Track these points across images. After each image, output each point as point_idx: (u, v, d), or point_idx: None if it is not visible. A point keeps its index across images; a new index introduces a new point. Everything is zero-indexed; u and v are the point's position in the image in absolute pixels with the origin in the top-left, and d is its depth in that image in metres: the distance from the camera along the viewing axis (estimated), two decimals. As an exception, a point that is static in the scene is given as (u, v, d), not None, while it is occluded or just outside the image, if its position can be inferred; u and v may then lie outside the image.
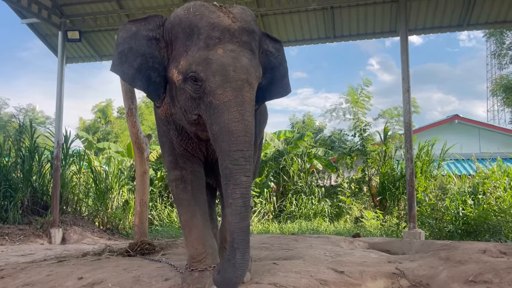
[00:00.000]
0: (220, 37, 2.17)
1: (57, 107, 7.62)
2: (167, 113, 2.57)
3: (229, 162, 2.06)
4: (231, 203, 2.04)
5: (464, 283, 2.74)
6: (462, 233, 6.64)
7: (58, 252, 5.25)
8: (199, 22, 2.21)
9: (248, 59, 2.20)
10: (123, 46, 2.42)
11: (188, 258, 2.56)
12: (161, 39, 2.39)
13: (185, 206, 2.62)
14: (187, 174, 2.65)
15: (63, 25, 7.79)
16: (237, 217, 2.03)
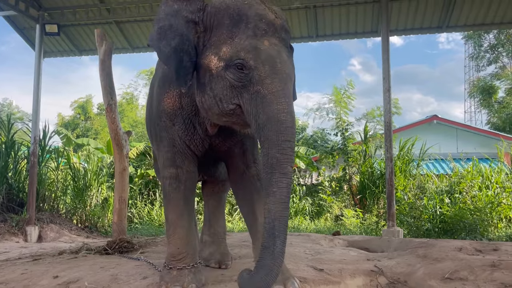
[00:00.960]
0: (266, 29, 2.16)
1: (34, 102, 7.44)
2: (175, 106, 2.50)
3: (276, 152, 2.02)
4: (275, 192, 1.99)
5: (441, 280, 2.79)
6: (439, 231, 6.77)
7: (33, 250, 5.13)
8: (248, 10, 2.18)
9: (287, 56, 2.21)
10: (164, 22, 2.33)
11: (168, 256, 2.54)
12: (200, 23, 2.30)
13: (174, 206, 2.58)
14: (182, 173, 2.59)
15: (41, 18, 7.61)
16: (281, 206, 1.99)
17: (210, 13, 2.28)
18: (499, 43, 25.76)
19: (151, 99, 2.81)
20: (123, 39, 8.54)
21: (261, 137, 2.10)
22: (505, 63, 26.45)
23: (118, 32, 8.39)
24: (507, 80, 24.55)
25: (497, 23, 7.52)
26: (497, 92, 25.38)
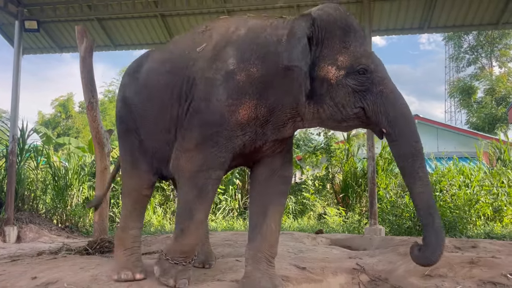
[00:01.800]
0: (363, 37, 2.48)
1: (12, 99, 7.27)
2: (251, 117, 2.45)
3: (413, 141, 2.32)
4: (421, 176, 2.27)
5: (421, 277, 2.83)
6: (419, 229, 6.86)
7: (12, 251, 5.03)
8: (353, 22, 2.41)
9: None
10: (304, 40, 2.31)
11: (176, 252, 2.53)
12: (313, 38, 2.35)
13: (207, 207, 2.60)
14: (221, 178, 2.68)
15: (20, 14, 7.43)
16: (429, 187, 2.30)
17: (320, 27, 2.36)
18: (479, 44, 26.33)
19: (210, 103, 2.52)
20: (105, 36, 8.42)
21: (395, 131, 2.32)
22: (484, 64, 27.05)
23: (99, 29, 8.26)
24: (486, 80, 25.10)
25: (477, 25, 7.68)
26: (476, 92, 25.93)
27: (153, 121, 2.82)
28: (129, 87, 3.00)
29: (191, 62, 2.65)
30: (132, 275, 2.58)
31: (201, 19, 8.02)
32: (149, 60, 2.99)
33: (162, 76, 2.78)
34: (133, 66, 3.10)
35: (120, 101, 3.06)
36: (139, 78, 2.93)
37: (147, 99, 2.84)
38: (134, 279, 2.56)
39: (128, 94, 2.98)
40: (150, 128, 2.85)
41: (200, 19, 8.02)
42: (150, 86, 2.83)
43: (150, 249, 4.28)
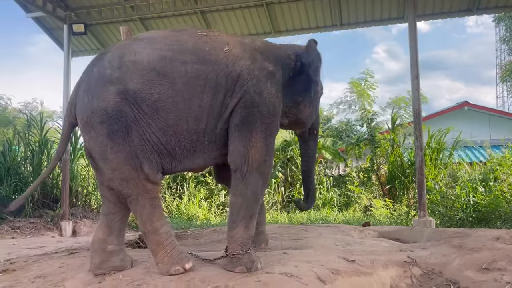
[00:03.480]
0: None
1: (64, 101, 7.64)
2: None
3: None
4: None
5: (478, 270, 2.71)
6: (473, 220, 6.58)
7: (69, 244, 5.29)
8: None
9: None
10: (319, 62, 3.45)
11: (245, 242, 2.74)
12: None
13: (261, 199, 2.99)
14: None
15: (68, 18, 7.78)
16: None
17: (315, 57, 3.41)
18: (533, 25, 24.70)
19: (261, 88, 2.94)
20: (148, 35, 8.64)
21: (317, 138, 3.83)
22: (539, 45, 25.36)
23: (142, 29, 8.49)
24: (542, 63, 23.57)
25: (531, 3, 7.20)
26: (530, 75, 24.41)
27: (174, 112, 2.75)
28: (132, 79, 2.73)
29: (233, 59, 2.89)
30: (182, 268, 2.61)
31: (240, 14, 8.05)
32: (148, 48, 2.83)
33: (189, 65, 2.79)
34: (124, 55, 2.81)
35: (117, 95, 2.68)
36: (147, 67, 2.75)
37: (169, 89, 2.74)
38: (186, 270, 2.59)
39: (135, 87, 2.71)
40: (168, 120, 2.75)
41: (240, 14, 8.05)
42: (172, 75, 2.76)
43: (199, 242, 4.36)
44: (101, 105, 2.68)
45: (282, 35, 8.40)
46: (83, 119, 2.76)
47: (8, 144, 8.34)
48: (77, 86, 2.90)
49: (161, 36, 2.95)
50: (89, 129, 2.72)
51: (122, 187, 2.73)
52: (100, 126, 2.68)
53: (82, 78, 2.89)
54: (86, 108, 2.73)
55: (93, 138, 2.72)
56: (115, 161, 2.70)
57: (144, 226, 2.72)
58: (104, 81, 2.73)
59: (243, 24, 8.28)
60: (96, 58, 2.93)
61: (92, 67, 2.86)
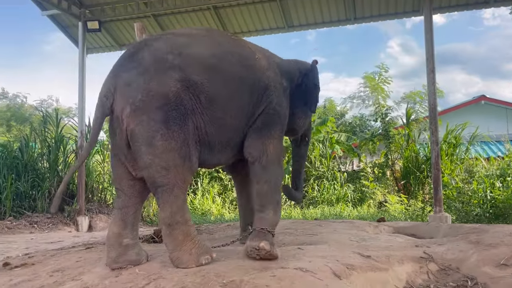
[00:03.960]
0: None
1: (79, 97, 7.74)
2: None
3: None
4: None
5: (496, 266, 2.67)
6: (490, 216, 6.49)
7: (85, 239, 5.38)
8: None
9: None
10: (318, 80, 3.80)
11: (272, 225, 3.04)
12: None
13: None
14: None
15: (82, 16, 7.86)
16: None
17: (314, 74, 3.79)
18: (552, 16, 24.11)
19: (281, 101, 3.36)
20: (161, 32, 8.67)
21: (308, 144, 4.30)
22: (559, 37, 24.73)
23: (156, 26, 8.54)
24: (562, 55, 22.99)
25: (551, -6, 7.03)
26: (550, 68, 23.83)
27: (223, 107, 2.90)
28: (196, 74, 2.79)
29: (262, 68, 3.20)
30: (210, 257, 2.68)
31: (253, 10, 8.03)
32: (198, 44, 2.96)
33: (235, 67, 3.00)
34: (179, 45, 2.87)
35: (178, 82, 2.70)
36: (215, 66, 2.89)
37: (221, 85, 2.89)
38: (213, 259, 2.70)
39: (196, 77, 2.77)
40: (217, 113, 2.87)
41: (253, 10, 8.03)
42: (223, 73, 2.92)
43: (213, 237, 4.39)
44: (161, 90, 2.65)
45: (295, 30, 8.37)
46: (134, 103, 2.63)
47: (25, 140, 8.49)
48: (114, 73, 2.81)
49: (199, 34, 3.09)
50: (141, 113, 2.63)
51: (160, 175, 2.66)
52: (156, 111, 2.64)
53: (122, 64, 2.83)
54: (140, 92, 2.64)
55: (143, 122, 2.63)
56: (162, 148, 2.64)
57: (174, 217, 2.66)
58: (165, 66, 2.72)
59: (256, 19, 8.26)
60: (137, 46, 2.90)
61: (138, 53, 2.79)
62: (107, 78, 2.84)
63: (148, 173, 2.69)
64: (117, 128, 2.76)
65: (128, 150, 2.75)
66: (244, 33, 8.56)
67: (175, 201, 2.69)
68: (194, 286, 2.23)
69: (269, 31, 8.47)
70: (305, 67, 3.70)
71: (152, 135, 2.63)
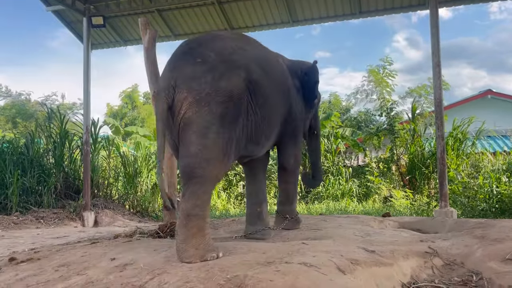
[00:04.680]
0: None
1: (84, 93, 7.75)
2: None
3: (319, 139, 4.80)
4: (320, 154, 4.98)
5: (501, 261, 2.65)
6: (496, 211, 6.45)
7: (91, 234, 5.41)
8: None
9: None
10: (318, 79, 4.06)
11: (294, 211, 4.11)
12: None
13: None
14: None
15: (87, 11, 7.86)
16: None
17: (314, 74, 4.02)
18: (560, 9, 23.79)
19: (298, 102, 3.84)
20: (165, 27, 8.68)
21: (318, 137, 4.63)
22: None
23: (160, 21, 8.52)
24: None
25: (559, -13, 6.93)
26: (558, 62, 23.57)
27: (271, 106, 3.26)
28: (255, 75, 3.04)
29: (285, 72, 3.68)
30: (216, 255, 2.64)
31: (258, 4, 7.99)
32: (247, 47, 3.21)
33: (275, 70, 3.47)
34: (238, 47, 3.10)
35: (242, 82, 2.92)
36: (266, 70, 3.21)
37: (271, 85, 3.25)
38: (218, 257, 2.64)
39: (256, 77, 3.04)
40: (266, 111, 3.19)
41: (257, 4, 7.99)
42: (270, 75, 3.28)
43: (218, 232, 4.39)
44: (227, 86, 2.81)
45: (300, 25, 8.32)
46: (198, 94, 2.74)
47: (30, 136, 8.53)
48: (173, 67, 2.92)
49: (242, 40, 3.34)
50: (203, 104, 2.74)
51: (200, 166, 2.74)
52: (217, 104, 2.76)
53: (181, 59, 2.95)
54: (207, 86, 2.76)
55: (203, 112, 2.73)
56: (212, 141, 2.75)
57: (195, 210, 2.70)
58: (232, 65, 2.91)
59: (261, 14, 8.22)
60: (194, 44, 3.04)
61: (198, 50, 2.95)
62: (165, 72, 2.95)
63: (188, 162, 2.75)
64: (174, 116, 2.81)
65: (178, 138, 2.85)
66: (248, 27, 8.54)
67: (203, 195, 2.76)
68: (198, 280, 2.23)
69: (274, 25, 8.43)
70: (307, 66, 4.01)
71: (207, 126, 2.73)
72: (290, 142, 3.82)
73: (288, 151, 3.85)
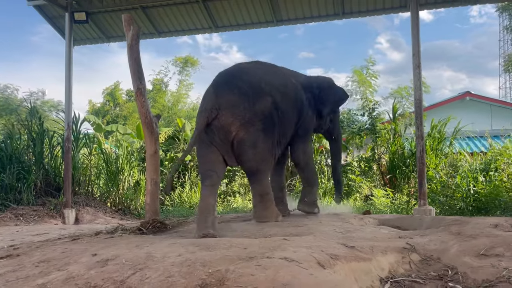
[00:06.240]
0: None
1: (66, 90, 7.64)
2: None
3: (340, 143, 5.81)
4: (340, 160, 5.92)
5: (476, 256, 2.74)
6: (472, 209, 6.62)
7: (72, 231, 5.35)
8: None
9: None
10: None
11: (315, 194, 5.14)
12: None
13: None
14: None
15: (69, 6, 7.75)
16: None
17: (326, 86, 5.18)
18: (536, 14, 24.49)
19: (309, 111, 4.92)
20: (149, 24, 8.62)
21: (338, 141, 5.52)
22: (543, 35, 25.15)
23: (144, 18, 8.46)
24: (545, 53, 23.39)
25: (535, -8, 7.14)
26: (534, 66, 24.26)
27: (288, 118, 4.48)
28: (277, 97, 4.28)
29: (298, 89, 4.72)
30: (281, 217, 4.50)
31: (242, 3, 8.01)
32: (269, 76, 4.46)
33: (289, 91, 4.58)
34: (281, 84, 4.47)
35: (271, 104, 4.18)
36: (283, 92, 4.41)
37: (288, 104, 4.46)
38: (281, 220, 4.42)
39: (278, 99, 4.28)
40: (285, 122, 4.43)
41: (242, 3, 8.01)
42: (287, 96, 4.48)
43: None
44: (262, 109, 4.09)
45: (284, 24, 8.37)
46: (243, 118, 3.99)
47: (10, 132, 8.38)
48: (217, 94, 4.06)
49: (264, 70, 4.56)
50: (249, 125, 4.01)
51: (260, 165, 4.22)
52: (259, 123, 4.06)
53: (222, 88, 4.11)
54: (247, 111, 4.00)
55: (251, 131, 4.03)
56: (262, 147, 4.14)
57: (265, 190, 4.35)
58: (262, 93, 4.16)
59: (245, 13, 8.24)
60: (230, 77, 4.26)
61: (234, 82, 4.14)
62: (209, 95, 4.12)
63: (251, 164, 4.22)
64: (221, 134, 4.02)
65: (232, 149, 4.10)
66: (233, 26, 8.55)
67: (266, 181, 4.41)
68: (180, 275, 2.25)
69: (258, 25, 8.45)
70: (321, 81, 5.14)
71: (256, 139, 4.08)
72: (300, 140, 4.87)
73: (299, 147, 4.89)
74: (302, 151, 4.89)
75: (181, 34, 9.19)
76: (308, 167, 5.02)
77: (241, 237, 3.54)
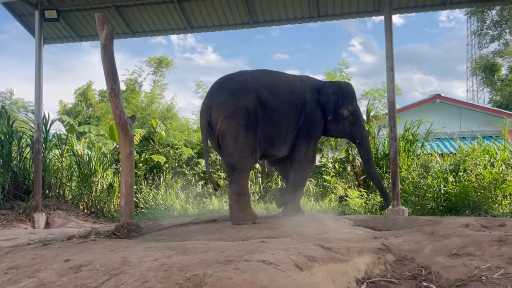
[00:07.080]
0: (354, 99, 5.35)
1: (36, 89, 7.42)
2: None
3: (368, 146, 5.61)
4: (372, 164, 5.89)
5: (448, 256, 2.81)
6: (443, 209, 6.80)
7: (42, 236, 5.19)
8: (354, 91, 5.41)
9: None
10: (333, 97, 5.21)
11: (299, 198, 5.30)
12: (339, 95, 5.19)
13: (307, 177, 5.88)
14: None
15: (40, 4, 7.52)
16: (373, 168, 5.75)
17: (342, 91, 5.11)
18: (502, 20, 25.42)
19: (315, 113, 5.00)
20: (123, 23, 8.47)
21: (363, 146, 5.32)
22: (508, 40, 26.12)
23: (118, 17, 8.31)
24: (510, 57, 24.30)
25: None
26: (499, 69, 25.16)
27: (279, 116, 4.56)
28: (264, 95, 4.46)
29: (301, 92, 4.87)
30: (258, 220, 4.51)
31: (218, 4, 7.97)
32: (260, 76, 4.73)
33: (285, 91, 4.76)
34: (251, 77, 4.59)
35: (255, 99, 4.37)
36: (273, 92, 4.58)
37: (277, 102, 4.58)
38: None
39: (264, 96, 4.45)
40: (276, 120, 4.52)
41: (218, 4, 7.97)
42: (278, 95, 4.63)
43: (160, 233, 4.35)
44: (245, 104, 4.30)
45: (260, 26, 8.38)
46: (226, 113, 4.26)
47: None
48: (210, 96, 4.51)
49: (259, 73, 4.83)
50: (232, 119, 4.24)
51: (238, 161, 4.30)
52: (241, 117, 4.25)
53: (215, 90, 4.53)
54: (232, 106, 4.27)
55: (232, 125, 4.23)
56: (242, 143, 4.27)
57: (242, 190, 4.40)
58: (246, 89, 4.38)
59: (221, 14, 8.21)
60: (223, 80, 4.65)
61: (225, 83, 4.54)
62: (206, 98, 4.56)
63: (230, 159, 4.35)
64: (213, 130, 4.33)
65: (219, 144, 4.37)
66: (208, 27, 8.50)
67: (244, 180, 4.48)
68: (157, 280, 2.21)
69: (234, 26, 8.43)
70: (335, 86, 5.21)
71: (237, 134, 4.25)
72: (302, 141, 4.88)
73: (300, 147, 4.89)
74: (301, 151, 4.90)
75: (156, 34, 9.08)
76: (301, 170, 4.96)
77: (218, 240, 3.51)
